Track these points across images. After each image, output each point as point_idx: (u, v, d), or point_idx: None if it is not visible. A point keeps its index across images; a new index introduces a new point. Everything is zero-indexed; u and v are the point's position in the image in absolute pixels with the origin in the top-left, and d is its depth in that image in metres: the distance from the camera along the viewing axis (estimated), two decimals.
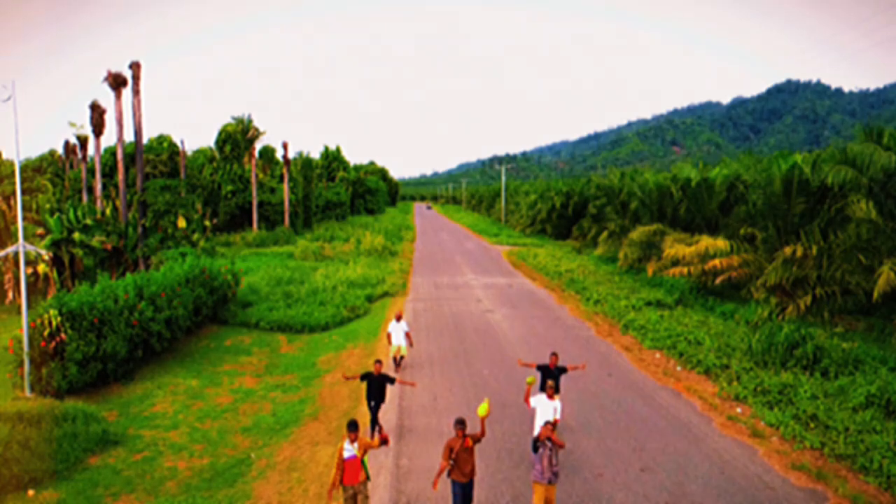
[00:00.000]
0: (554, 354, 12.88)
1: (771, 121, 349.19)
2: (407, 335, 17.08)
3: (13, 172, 79.29)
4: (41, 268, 25.96)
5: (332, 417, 13.90)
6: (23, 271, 15.04)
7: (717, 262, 24.53)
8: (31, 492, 10.63)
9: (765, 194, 25.40)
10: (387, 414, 13.65)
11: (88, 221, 29.63)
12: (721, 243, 25.10)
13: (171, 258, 25.00)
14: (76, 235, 29.08)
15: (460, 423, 8.95)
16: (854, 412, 12.83)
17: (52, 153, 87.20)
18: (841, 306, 20.01)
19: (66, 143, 77.92)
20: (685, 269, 26.59)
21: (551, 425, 8.96)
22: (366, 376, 12.57)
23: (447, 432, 12.78)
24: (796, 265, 19.48)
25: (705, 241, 25.81)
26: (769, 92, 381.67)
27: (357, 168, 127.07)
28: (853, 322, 21.11)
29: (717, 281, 24.76)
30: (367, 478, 9.10)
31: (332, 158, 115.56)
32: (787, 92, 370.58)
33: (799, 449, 11.77)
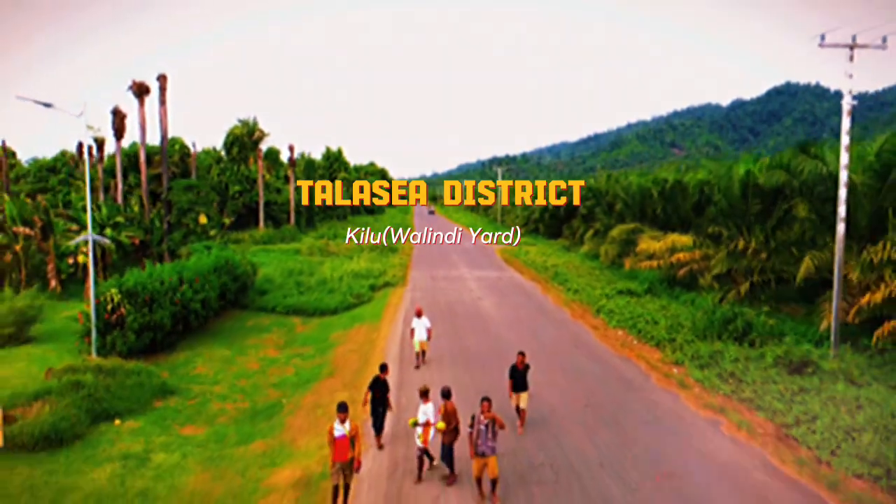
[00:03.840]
0: (521, 354, 13.20)
1: (770, 123, 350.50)
2: (427, 330, 17.58)
3: (29, 172, 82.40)
4: (81, 258, 29.13)
5: (346, 375, 17.09)
6: (91, 257, 18.21)
7: (681, 255, 27.70)
8: (117, 421, 13.82)
9: (726, 196, 28.61)
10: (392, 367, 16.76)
11: (119, 219, 32.85)
12: (685, 239, 28.28)
13: (198, 250, 28.16)
14: (107, 231, 32.32)
15: (446, 395, 10.97)
16: (765, 370, 15.98)
17: (63, 153, 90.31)
18: (780, 293, 23.13)
19: (80, 145, 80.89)
20: (655, 263, 29.75)
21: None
22: (372, 384, 12.28)
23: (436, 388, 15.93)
24: (740, 257, 22.63)
25: (672, 238, 29.01)
26: (768, 94, 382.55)
27: (357, 169, 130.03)
28: (797, 308, 24.25)
29: (681, 273, 27.92)
30: (353, 458, 9.69)
31: (334, 159, 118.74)
32: (786, 94, 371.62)
33: (713, 395, 14.95)
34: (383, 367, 12.77)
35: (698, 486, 10.43)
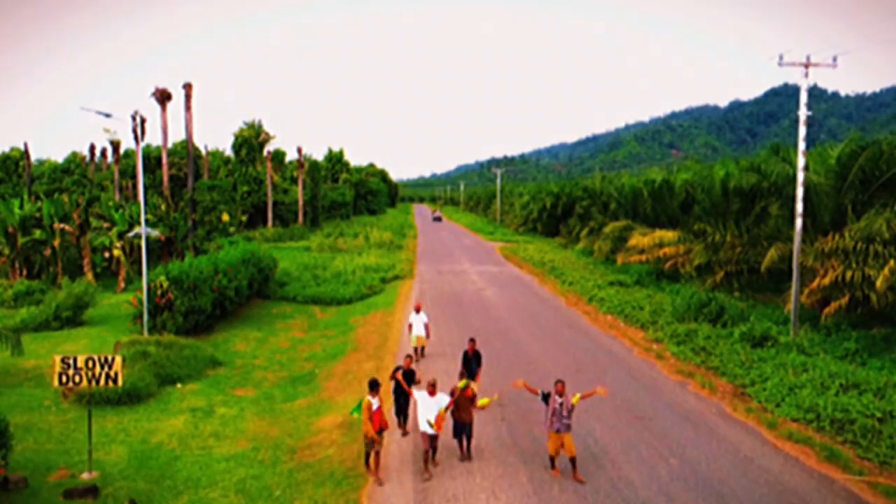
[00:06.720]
0: (471, 340, 14.22)
1: (768, 124, 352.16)
2: (426, 326, 17.75)
3: (43, 174, 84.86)
4: (116, 252, 31.62)
5: (369, 350, 19.60)
6: (144, 250, 20.62)
7: (666, 249, 30.22)
8: (179, 385, 16.32)
9: (709, 196, 31.16)
10: (406, 346, 19.20)
11: (149, 216, 35.30)
12: (670, 234, 30.80)
13: (225, 245, 30.63)
14: (137, 228, 34.79)
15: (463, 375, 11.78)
16: (731, 345, 18.49)
17: (74, 155, 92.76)
18: (755, 283, 25.65)
19: (92, 147, 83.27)
20: (644, 257, 32.27)
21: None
22: (397, 370, 12.60)
23: (450, 358, 18.45)
24: (717, 250, 25.19)
25: (659, 233, 31.53)
26: (766, 95, 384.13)
27: (358, 169, 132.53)
28: (770, 296, 26.79)
29: (667, 266, 30.44)
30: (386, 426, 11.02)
31: (336, 160, 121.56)
32: (783, 95, 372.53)
33: (685, 364, 17.46)
34: (407, 357, 13.46)
35: (664, 425, 12.95)
